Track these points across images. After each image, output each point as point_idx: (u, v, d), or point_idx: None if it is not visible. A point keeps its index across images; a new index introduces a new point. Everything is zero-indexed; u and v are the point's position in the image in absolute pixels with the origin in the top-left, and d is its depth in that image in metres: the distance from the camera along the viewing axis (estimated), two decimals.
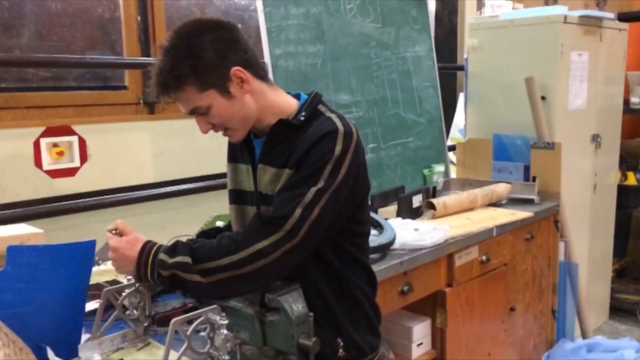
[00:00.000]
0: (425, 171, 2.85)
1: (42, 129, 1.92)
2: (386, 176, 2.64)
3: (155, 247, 1.15)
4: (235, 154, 1.34)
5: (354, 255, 1.25)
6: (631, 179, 3.36)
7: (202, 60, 1.13)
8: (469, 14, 3.94)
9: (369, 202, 1.32)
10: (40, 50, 2.14)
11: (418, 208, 2.36)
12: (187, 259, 1.10)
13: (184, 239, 1.22)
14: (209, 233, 1.39)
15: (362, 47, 2.58)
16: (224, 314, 1.05)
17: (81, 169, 2.01)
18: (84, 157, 2.02)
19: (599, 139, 2.99)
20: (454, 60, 3.70)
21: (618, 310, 3.43)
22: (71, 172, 2.00)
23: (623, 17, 3.23)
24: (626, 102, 3.31)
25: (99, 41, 2.39)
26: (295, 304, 1.13)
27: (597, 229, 3.13)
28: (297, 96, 1.30)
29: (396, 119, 2.72)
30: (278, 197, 1.16)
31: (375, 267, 1.77)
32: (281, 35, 2.25)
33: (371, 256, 1.84)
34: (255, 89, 1.21)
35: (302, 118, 1.21)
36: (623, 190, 3.37)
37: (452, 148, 3.13)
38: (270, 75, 2.19)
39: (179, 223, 2.13)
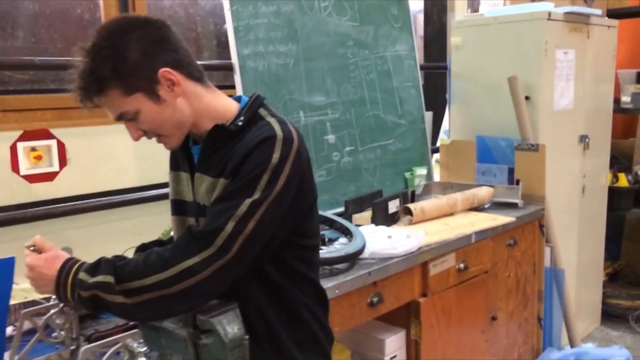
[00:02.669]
0: (407, 174, 2.75)
1: (19, 133, 1.86)
2: (364, 180, 2.55)
3: (76, 266, 1.06)
4: (177, 161, 1.25)
5: (300, 270, 1.16)
6: (622, 181, 3.25)
7: (125, 62, 1.04)
8: (459, 12, 3.85)
9: (318, 212, 1.22)
10: (17, 52, 2.08)
11: (395, 214, 2.27)
12: (109, 279, 1.01)
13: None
14: (148, 247, 1.30)
15: (338, 46, 2.48)
16: (141, 341, 0.96)
17: (60, 173, 1.96)
18: (63, 162, 1.96)
19: (587, 140, 2.89)
20: (443, 59, 3.61)
21: (610, 315, 3.33)
22: (50, 176, 1.94)
23: (613, 14, 3.13)
24: (617, 101, 3.20)
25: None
26: (229, 326, 1.04)
27: (586, 232, 3.03)
28: (239, 99, 1.21)
29: (375, 120, 2.63)
30: (211, 209, 1.07)
31: (342, 278, 1.70)
32: (250, 34, 2.16)
33: (338, 266, 1.76)
34: (188, 92, 1.12)
35: (240, 123, 1.12)
36: (615, 192, 3.26)
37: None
38: (237, 77, 2.12)
39: (162, 227, 2.07)
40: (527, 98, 2.59)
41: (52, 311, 1.09)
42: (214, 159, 1.12)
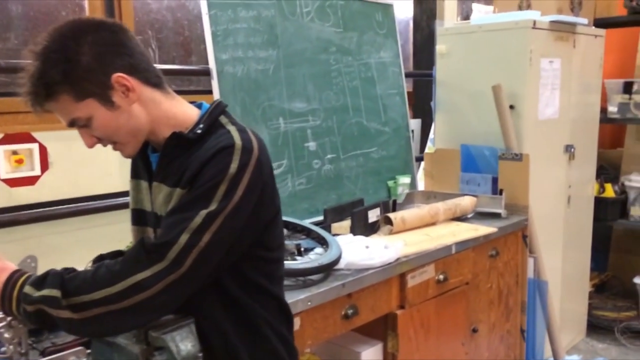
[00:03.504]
0: (390, 183, 2.72)
1: (0, 136, 1.84)
2: (346, 188, 2.51)
3: (22, 279, 1.01)
4: (137, 169, 1.21)
5: (261, 284, 1.12)
6: (609, 191, 3.22)
7: (76, 66, 1.00)
8: (449, 20, 3.83)
9: (281, 224, 1.18)
10: (0, 54, 2.04)
11: (375, 223, 2.23)
12: (56, 293, 0.97)
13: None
14: (106, 258, 1.25)
15: (320, 52, 2.45)
16: None
17: (42, 177, 1.94)
18: (44, 165, 1.95)
19: (572, 150, 2.86)
20: (432, 67, 3.58)
21: (596, 327, 3.29)
22: (31, 180, 1.92)
23: (600, 23, 3.11)
24: (604, 110, 3.18)
25: None
26: (183, 343, 1.00)
27: (572, 243, 3.00)
28: (200, 106, 1.17)
29: (358, 128, 2.59)
30: (165, 220, 1.02)
31: (315, 289, 1.66)
32: (228, 39, 2.13)
33: (312, 277, 1.72)
34: (145, 98, 1.08)
35: (199, 131, 1.08)
36: (601, 203, 3.23)
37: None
38: (215, 82, 2.08)
39: None
40: (511, 107, 2.56)
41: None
42: (172, 168, 1.08)
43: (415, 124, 3.35)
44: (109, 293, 0.96)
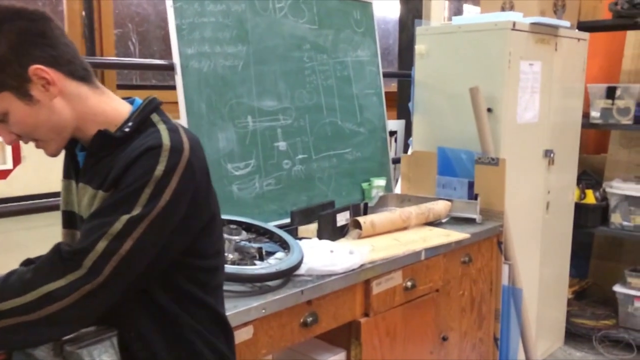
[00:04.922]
0: (365, 185, 2.65)
1: None
2: (317, 190, 2.44)
3: None
4: (69, 169, 1.14)
5: (194, 294, 1.05)
6: (590, 197, 3.17)
7: None
8: (435, 19, 3.77)
9: (218, 230, 1.10)
10: None
11: (344, 227, 2.16)
12: None
13: None
14: (34, 262, 1.18)
15: (293, 49, 2.38)
16: None
17: (14, 171, 1.89)
18: (17, 159, 1.89)
19: (552, 155, 2.80)
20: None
21: (574, 335, 3.24)
22: (2, 174, 1.88)
23: (584, 27, 3.05)
24: (586, 115, 3.12)
25: None
26: (101, 357, 0.92)
27: (550, 249, 2.94)
28: (133, 102, 1.09)
29: (331, 128, 2.52)
30: (85, 225, 0.95)
31: (271, 296, 1.59)
32: (194, 33, 2.05)
33: (270, 283, 1.65)
34: (69, 92, 1.00)
35: (127, 129, 1.01)
36: (582, 209, 3.18)
37: None
38: (178, 78, 2.00)
39: None
40: (489, 110, 2.50)
41: None
42: (98, 169, 1.01)
43: (398, 124, 3.29)
44: (18, 303, 0.89)
